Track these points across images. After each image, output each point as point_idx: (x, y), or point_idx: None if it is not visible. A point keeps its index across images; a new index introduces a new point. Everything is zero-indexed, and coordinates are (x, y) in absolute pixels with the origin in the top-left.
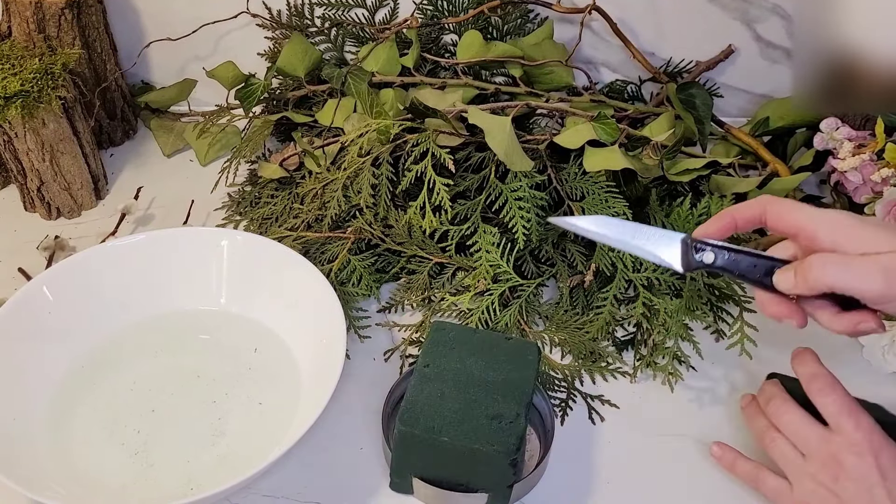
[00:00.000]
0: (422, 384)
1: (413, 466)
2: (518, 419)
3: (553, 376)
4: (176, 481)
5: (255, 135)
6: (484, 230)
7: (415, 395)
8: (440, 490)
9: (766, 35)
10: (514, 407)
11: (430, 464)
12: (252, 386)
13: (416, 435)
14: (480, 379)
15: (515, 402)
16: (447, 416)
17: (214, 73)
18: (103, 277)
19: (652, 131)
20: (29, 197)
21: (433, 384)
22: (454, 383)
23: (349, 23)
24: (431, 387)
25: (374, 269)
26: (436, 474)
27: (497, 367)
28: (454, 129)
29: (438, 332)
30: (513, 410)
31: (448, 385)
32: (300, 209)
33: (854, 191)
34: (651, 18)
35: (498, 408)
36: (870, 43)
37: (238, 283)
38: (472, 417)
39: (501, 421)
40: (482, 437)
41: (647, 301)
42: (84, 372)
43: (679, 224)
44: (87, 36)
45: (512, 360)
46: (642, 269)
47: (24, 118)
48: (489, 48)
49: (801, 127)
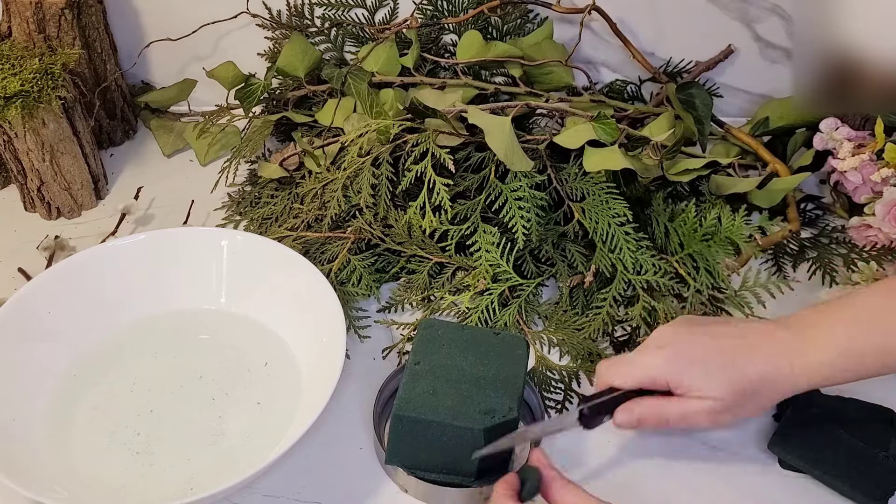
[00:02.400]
0: (413, 381)
1: (406, 456)
2: (510, 413)
3: (550, 377)
4: (176, 481)
5: (255, 135)
6: (484, 230)
7: (408, 393)
8: (432, 486)
9: (765, 35)
10: (506, 401)
11: (424, 451)
12: (252, 386)
13: (412, 419)
14: (471, 375)
15: (507, 397)
16: (441, 412)
17: (214, 73)
18: (103, 277)
19: (652, 131)
20: (29, 197)
21: (425, 381)
22: (446, 380)
23: (349, 23)
24: (423, 384)
25: (374, 269)
26: (428, 462)
27: (487, 363)
28: (454, 129)
29: (427, 329)
30: (505, 405)
31: (440, 381)
32: (300, 209)
33: (854, 191)
34: (651, 18)
35: (490, 403)
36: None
37: (238, 283)
38: (466, 413)
39: (494, 416)
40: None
41: (647, 304)
42: (84, 372)
43: (684, 232)
44: (87, 36)
45: (502, 355)
46: (643, 272)
47: (24, 118)
48: (489, 48)
49: (801, 127)
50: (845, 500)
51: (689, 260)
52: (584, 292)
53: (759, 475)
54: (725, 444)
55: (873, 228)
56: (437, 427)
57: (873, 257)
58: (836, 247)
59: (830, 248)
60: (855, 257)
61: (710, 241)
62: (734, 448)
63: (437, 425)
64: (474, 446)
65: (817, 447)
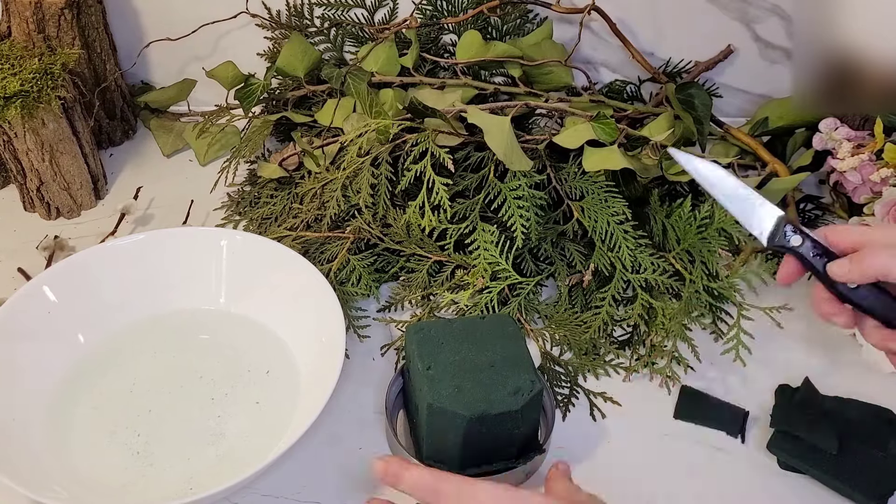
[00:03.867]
0: (435, 387)
1: (443, 458)
2: (536, 385)
3: (557, 371)
4: (176, 481)
5: (255, 135)
6: (483, 228)
7: (435, 398)
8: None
9: (765, 35)
10: (526, 377)
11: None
12: (251, 386)
13: (451, 421)
14: (483, 362)
15: (525, 372)
16: (475, 406)
17: (214, 73)
18: (103, 277)
19: (651, 131)
20: (28, 197)
21: (444, 383)
22: (463, 374)
23: (348, 23)
24: (445, 385)
25: (374, 269)
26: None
27: (490, 348)
28: (453, 128)
29: (419, 333)
30: (527, 380)
31: (458, 378)
32: (299, 209)
33: (853, 191)
34: (650, 18)
35: (514, 383)
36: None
37: (237, 282)
38: (499, 399)
39: (523, 393)
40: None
41: (646, 303)
42: (83, 372)
43: (680, 227)
44: (87, 36)
45: (497, 336)
46: (641, 270)
47: (23, 118)
48: (488, 48)
49: (801, 127)
50: (844, 500)
51: (685, 255)
52: (583, 291)
53: (758, 475)
54: (725, 444)
55: None
56: (477, 421)
57: None
58: None
59: None
60: None
61: (704, 233)
62: (734, 448)
63: (476, 419)
64: (514, 428)
65: (816, 447)
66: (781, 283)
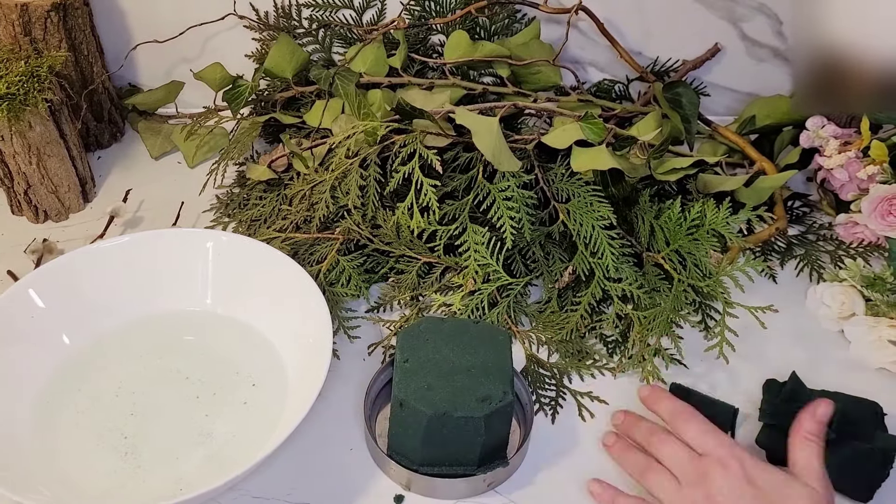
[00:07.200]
0: (406, 380)
1: (407, 453)
2: (506, 397)
3: (542, 374)
4: (164, 482)
5: (243, 136)
6: (473, 230)
7: (403, 391)
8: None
9: (752, 34)
10: (500, 387)
11: (425, 446)
12: (239, 386)
13: (413, 416)
14: (461, 365)
15: (500, 382)
16: (439, 405)
17: (202, 74)
18: (89, 279)
19: (639, 130)
20: (16, 200)
21: (418, 378)
22: (437, 373)
23: (337, 24)
24: (417, 379)
25: (363, 270)
26: (429, 456)
27: (473, 353)
28: (442, 129)
29: (409, 327)
30: (499, 390)
31: (432, 375)
32: (289, 210)
33: (840, 188)
34: (637, 18)
35: (485, 390)
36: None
37: (224, 283)
38: (463, 403)
39: (491, 402)
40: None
41: (621, 311)
42: (70, 373)
43: (670, 228)
44: (74, 38)
45: (484, 342)
46: (622, 280)
47: (10, 121)
48: (476, 48)
49: (788, 125)
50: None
51: (675, 256)
52: (572, 292)
53: None
54: None
55: (860, 225)
56: (438, 420)
57: (860, 254)
58: (823, 244)
59: (818, 245)
60: (842, 254)
61: (695, 233)
62: None
63: (437, 418)
64: (476, 434)
65: None
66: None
